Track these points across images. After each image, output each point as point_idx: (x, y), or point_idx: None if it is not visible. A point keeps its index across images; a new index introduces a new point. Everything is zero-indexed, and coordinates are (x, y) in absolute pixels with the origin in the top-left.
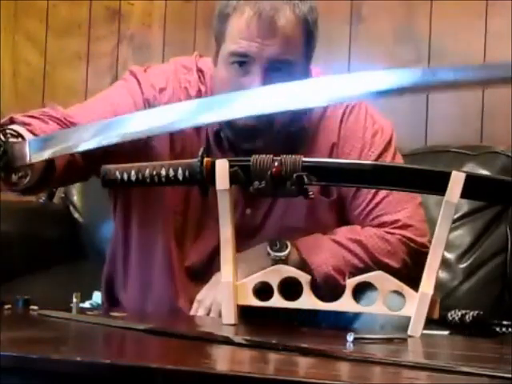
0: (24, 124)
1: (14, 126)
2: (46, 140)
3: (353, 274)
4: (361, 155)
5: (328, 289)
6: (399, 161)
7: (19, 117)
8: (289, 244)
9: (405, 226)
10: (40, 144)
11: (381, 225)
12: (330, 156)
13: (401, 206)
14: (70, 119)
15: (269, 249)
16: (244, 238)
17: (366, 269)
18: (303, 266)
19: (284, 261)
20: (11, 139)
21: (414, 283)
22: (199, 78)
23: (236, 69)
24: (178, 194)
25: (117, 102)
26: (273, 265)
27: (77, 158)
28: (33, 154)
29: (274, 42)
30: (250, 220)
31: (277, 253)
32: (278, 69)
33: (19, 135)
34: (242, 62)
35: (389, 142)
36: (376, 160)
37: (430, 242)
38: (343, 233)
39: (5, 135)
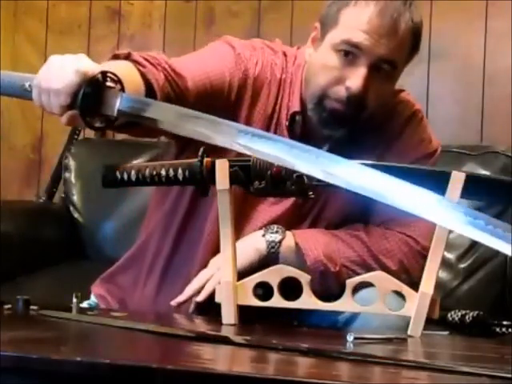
0: (139, 64)
1: (121, 68)
2: (141, 102)
3: (346, 267)
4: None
5: (319, 276)
6: None
7: (136, 55)
8: (285, 230)
9: (408, 225)
10: (132, 104)
11: (386, 221)
12: (387, 152)
13: None
14: (178, 71)
15: (264, 231)
16: (295, 224)
17: (361, 262)
18: (296, 251)
19: (278, 243)
20: (109, 83)
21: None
22: (283, 62)
23: (340, 57)
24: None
25: (210, 68)
26: (267, 247)
27: None
28: (121, 108)
29: (389, 42)
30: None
31: (272, 235)
32: (381, 69)
33: (119, 81)
34: (350, 52)
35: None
36: None
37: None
38: (344, 228)
39: (104, 77)
